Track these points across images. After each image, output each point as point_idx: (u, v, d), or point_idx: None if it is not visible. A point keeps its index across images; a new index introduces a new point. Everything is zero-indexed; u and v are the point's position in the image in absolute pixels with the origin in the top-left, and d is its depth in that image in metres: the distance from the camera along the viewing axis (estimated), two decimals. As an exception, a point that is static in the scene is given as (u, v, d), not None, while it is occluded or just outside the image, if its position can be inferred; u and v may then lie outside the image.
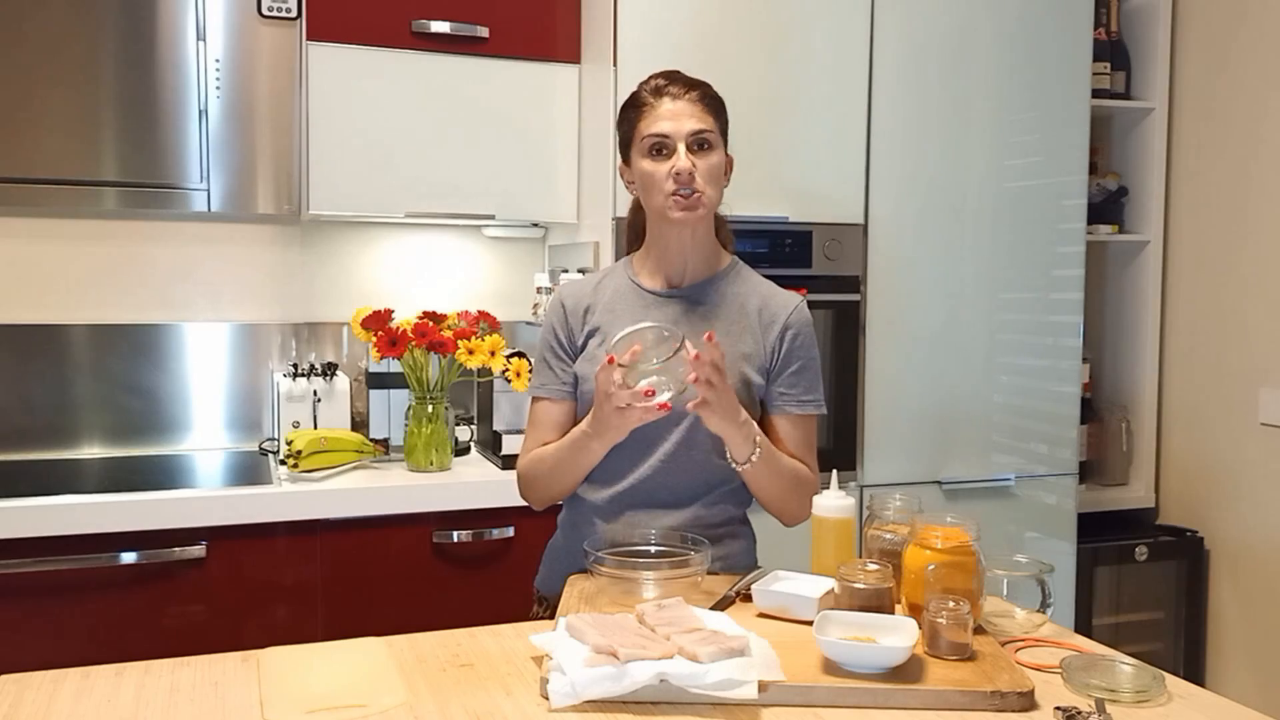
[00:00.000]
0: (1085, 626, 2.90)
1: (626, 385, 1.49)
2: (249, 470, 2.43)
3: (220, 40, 2.35)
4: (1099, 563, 2.96)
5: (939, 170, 2.68)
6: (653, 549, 1.57)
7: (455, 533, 2.29)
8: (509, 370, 2.41)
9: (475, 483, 2.32)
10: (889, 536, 1.54)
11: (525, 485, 1.73)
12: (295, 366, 2.60)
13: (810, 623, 1.31)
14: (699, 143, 1.62)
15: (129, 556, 2.08)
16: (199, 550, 2.12)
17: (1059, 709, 1.19)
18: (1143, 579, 3.03)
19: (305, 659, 1.35)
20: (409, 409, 2.42)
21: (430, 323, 2.42)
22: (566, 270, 2.50)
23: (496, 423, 2.52)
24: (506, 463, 2.40)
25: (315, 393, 2.53)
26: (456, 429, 2.56)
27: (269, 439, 2.67)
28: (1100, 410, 3.22)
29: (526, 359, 2.41)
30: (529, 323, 2.82)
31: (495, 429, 2.52)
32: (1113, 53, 3.10)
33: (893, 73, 2.62)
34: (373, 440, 2.50)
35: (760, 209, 2.52)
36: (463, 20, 2.49)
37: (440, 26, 2.47)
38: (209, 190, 2.37)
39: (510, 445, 2.41)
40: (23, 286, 2.54)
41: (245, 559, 2.16)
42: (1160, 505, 3.20)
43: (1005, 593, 1.54)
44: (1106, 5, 3.09)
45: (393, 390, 2.54)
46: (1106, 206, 3.15)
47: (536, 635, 1.31)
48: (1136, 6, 3.17)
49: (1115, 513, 3.13)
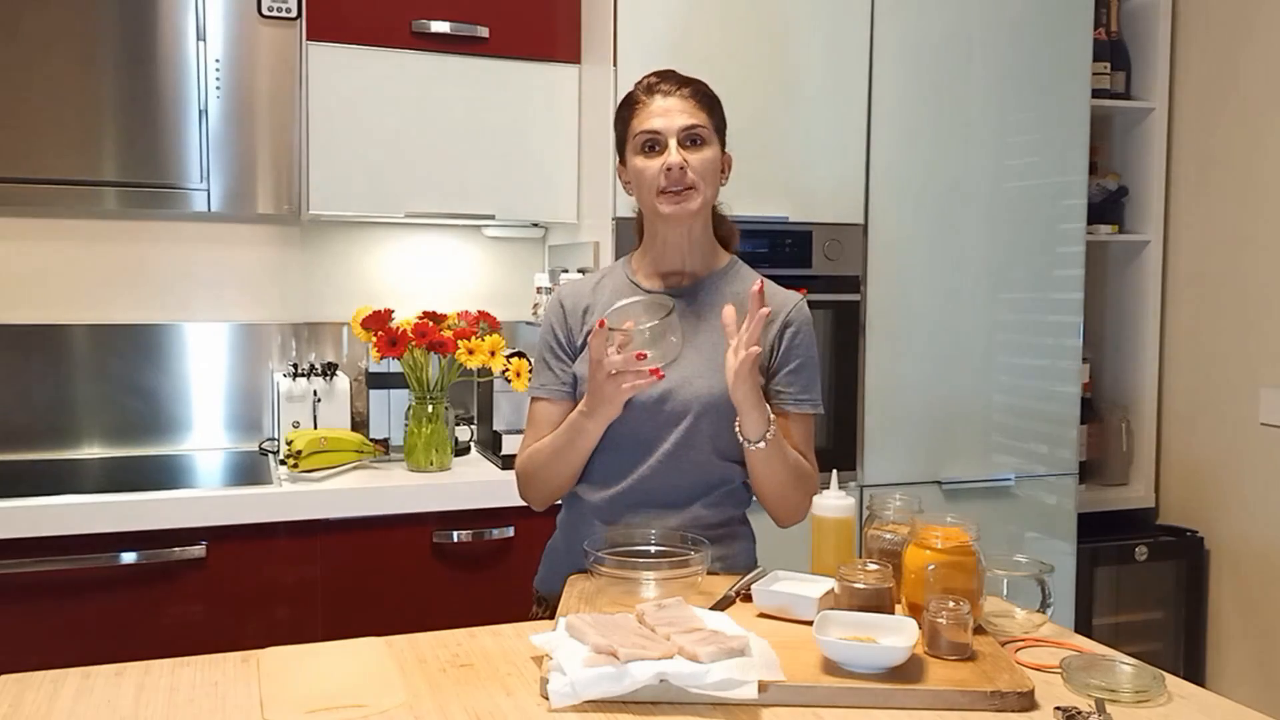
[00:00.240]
0: (1085, 626, 2.90)
1: (621, 352, 1.49)
2: (249, 470, 2.43)
3: (220, 40, 2.35)
4: (1099, 563, 2.96)
5: (939, 170, 2.68)
6: (653, 549, 1.56)
7: (455, 533, 2.29)
8: (509, 370, 2.41)
9: (475, 483, 2.33)
10: (889, 536, 1.54)
11: (524, 482, 1.72)
12: (295, 366, 2.60)
13: (810, 623, 1.31)
14: (691, 138, 1.61)
15: (129, 556, 2.08)
16: (199, 550, 2.12)
17: (1059, 709, 1.19)
18: (1143, 579, 3.03)
19: (305, 659, 1.35)
20: (409, 409, 2.42)
21: (430, 323, 2.42)
22: (566, 270, 2.50)
23: (496, 423, 2.52)
24: (506, 463, 2.40)
25: (315, 393, 2.53)
26: (456, 429, 2.56)
27: (269, 439, 2.67)
28: (1100, 410, 3.22)
29: (526, 359, 2.41)
30: (529, 323, 2.82)
31: (495, 429, 2.52)
32: (1113, 53, 3.10)
33: (893, 73, 2.62)
34: (373, 440, 2.50)
35: (760, 209, 2.52)
36: (463, 20, 2.49)
37: (440, 26, 2.47)
38: (209, 190, 2.37)
39: (510, 445, 2.41)
40: (23, 286, 2.54)
41: (245, 559, 2.16)
42: (1160, 505, 3.20)
43: (1005, 593, 1.54)
44: (1106, 5, 3.09)
45: (393, 390, 2.54)
46: (1106, 206, 3.15)
47: (536, 635, 1.31)
48: (1136, 6, 3.17)
49: (1115, 513, 3.13)
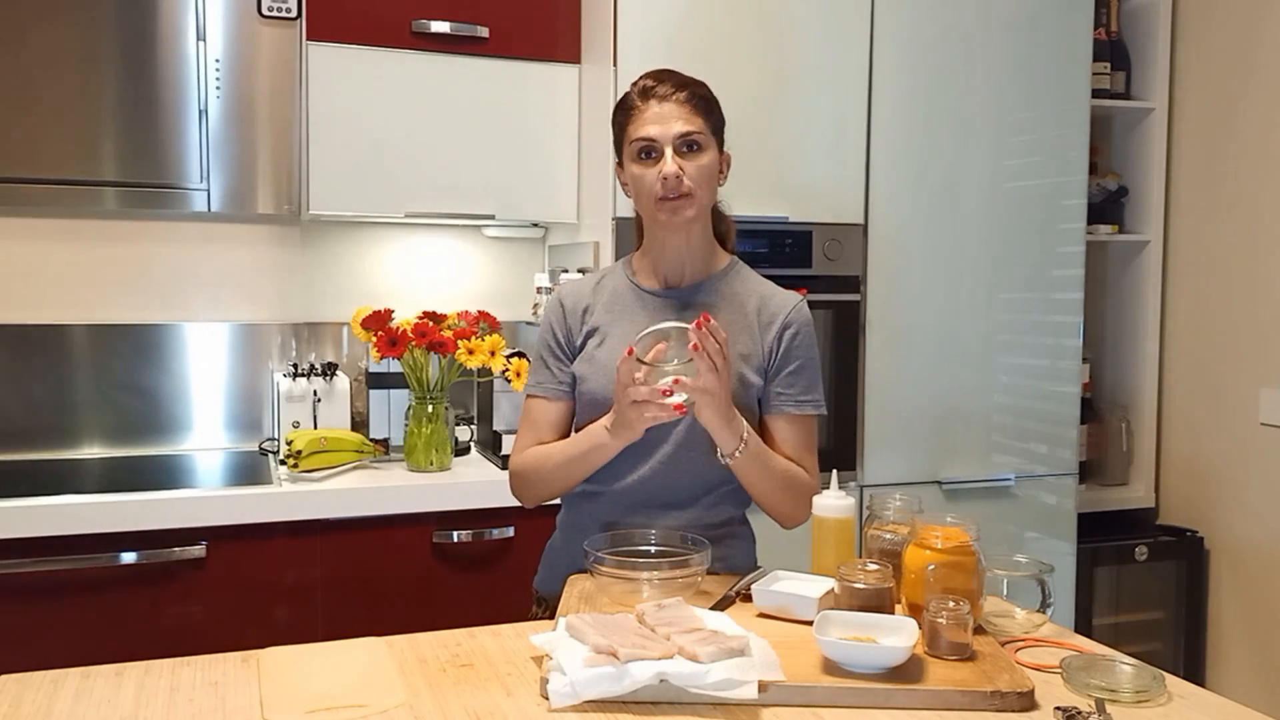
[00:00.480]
0: (1085, 626, 2.90)
1: (645, 381, 1.49)
2: (249, 470, 2.43)
3: (220, 40, 2.35)
4: (1099, 563, 2.96)
5: (939, 170, 2.68)
6: (653, 549, 1.56)
7: (455, 533, 2.29)
8: (509, 370, 2.41)
9: (475, 483, 2.33)
10: (889, 536, 1.54)
11: (520, 483, 1.71)
12: (295, 366, 2.60)
13: (810, 623, 1.31)
14: (687, 144, 1.60)
15: (129, 556, 2.08)
16: (199, 550, 2.12)
17: (1059, 709, 1.19)
18: (1143, 579, 3.03)
19: (305, 659, 1.35)
20: (409, 409, 2.42)
21: (430, 323, 2.42)
22: (566, 270, 2.50)
23: (496, 423, 2.52)
24: (506, 463, 2.39)
25: (315, 393, 2.53)
26: (456, 429, 2.56)
27: (269, 439, 2.67)
28: (1100, 410, 3.22)
29: (526, 359, 2.41)
30: (529, 323, 2.82)
31: (495, 429, 2.52)
32: (1113, 53, 3.10)
33: (893, 73, 2.62)
34: (373, 440, 2.50)
35: (760, 209, 2.52)
36: (463, 20, 2.49)
37: (440, 26, 2.47)
38: (209, 190, 2.37)
39: (510, 445, 2.40)
40: (23, 286, 2.54)
41: (245, 559, 2.16)
42: (1160, 505, 3.20)
43: (1005, 593, 1.54)
44: (1106, 5, 3.09)
45: (393, 390, 2.54)
46: (1106, 206, 3.15)
47: (536, 635, 1.31)
48: (1136, 6, 3.17)
49: (1115, 513, 3.13)
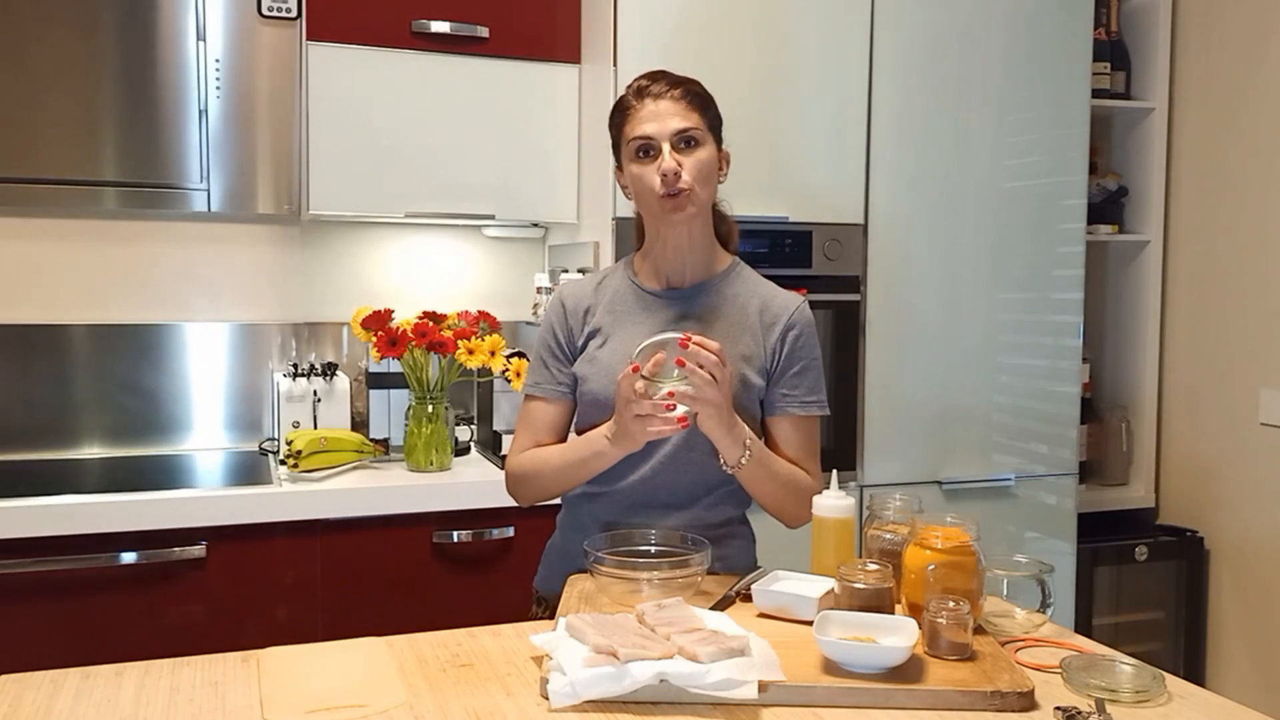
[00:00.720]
0: (1085, 626, 2.90)
1: (648, 395, 1.49)
2: (249, 470, 2.43)
3: (220, 40, 2.35)
4: (1099, 563, 2.96)
5: (939, 170, 2.68)
6: (653, 549, 1.56)
7: (455, 533, 2.29)
8: (509, 370, 2.41)
9: (475, 483, 2.33)
10: (889, 536, 1.54)
11: (517, 483, 1.72)
12: (295, 366, 2.60)
13: (810, 623, 1.31)
14: (685, 140, 1.60)
15: (129, 556, 2.08)
16: (199, 550, 2.12)
17: (1059, 709, 1.19)
18: (1143, 579, 3.03)
19: (305, 659, 1.35)
20: (409, 409, 2.42)
21: (430, 323, 2.42)
22: (566, 270, 2.50)
23: (496, 423, 2.52)
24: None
25: (315, 393, 2.53)
26: (456, 429, 2.56)
27: (269, 439, 2.67)
28: (1100, 410, 3.22)
29: (526, 359, 2.41)
30: (529, 323, 2.82)
31: (495, 429, 2.52)
32: (1113, 53, 3.10)
33: (893, 73, 2.62)
34: (373, 440, 2.50)
35: (760, 209, 2.52)
36: (463, 20, 2.49)
37: (440, 26, 2.47)
38: (209, 190, 2.37)
39: (510, 445, 2.41)
40: (23, 286, 2.54)
41: (245, 559, 2.16)
42: (1160, 505, 3.20)
43: (1005, 593, 1.54)
44: (1106, 5, 3.09)
45: (393, 390, 2.54)
46: (1106, 206, 3.15)
47: (536, 635, 1.31)
48: (1136, 6, 3.17)
49: (1115, 513, 3.13)
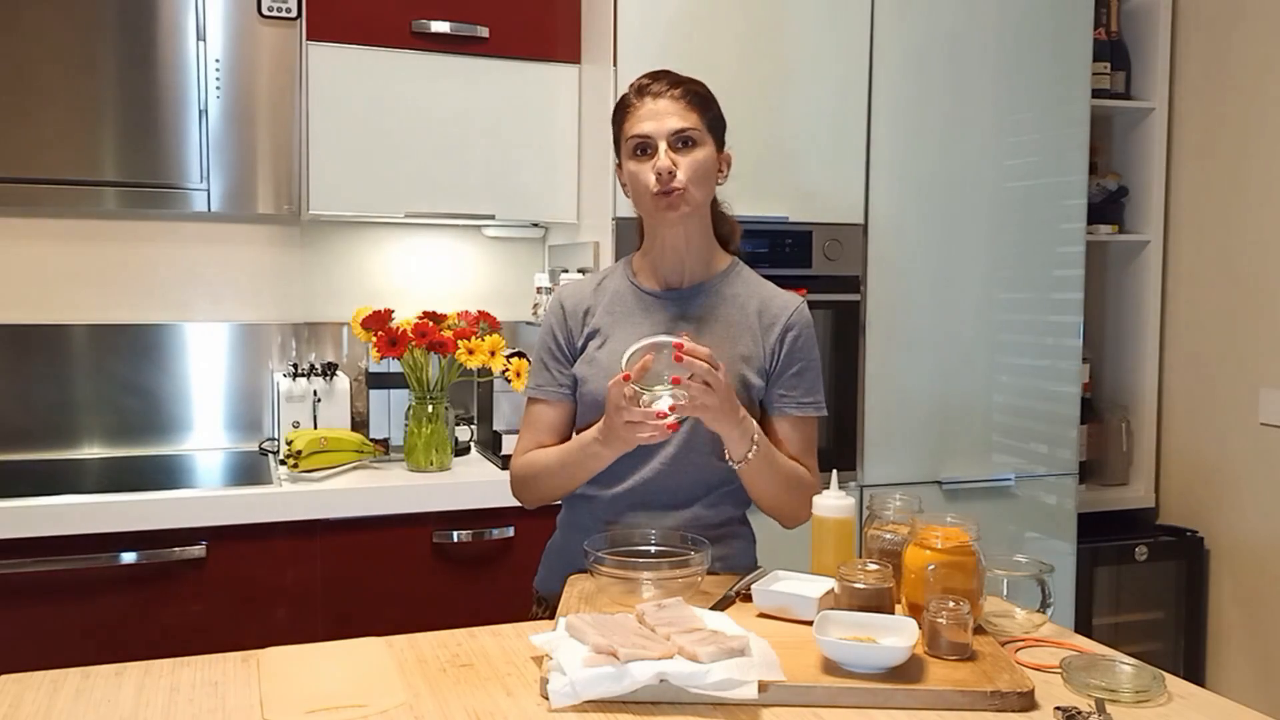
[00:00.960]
0: (1085, 626, 2.90)
1: (637, 400, 1.49)
2: (249, 470, 2.43)
3: (220, 40, 2.35)
4: (1099, 563, 2.96)
5: (939, 170, 2.68)
6: (653, 549, 1.57)
7: (455, 533, 2.29)
8: (509, 370, 2.41)
9: (475, 483, 2.33)
10: (889, 536, 1.54)
11: (519, 485, 1.73)
12: (295, 366, 2.60)
13: (810, 623, 1.31)
14: (682, 140, 1.60)
15: (129, 556, 2.08)
16: (199, 550, 2.12)
17: (1059, 709, 1.19)
18: (1143, 579, 3.03)
19: (305, 659, 1.35)
20: (409, 409, 2.42)
21: (430, 323, 2.42)
22: (566, 270, 2.50)
23: (496, 423, 2.52)
24: (506, 463, 2.38)
25: (315, 393, 2.53)
26: (456, 429, 2.56)
27: (269, 439, 2.67)
28: (1100, 410, 3.22)
29: (526, 359, 2.41)
30: (529, 323, 2.82)
31: (495, 429, 2.52)
32: (1113, 53, 3.10)
33: (893, 73, 2.62)
34: (373, 440, 2.50)
35: (760, 209, 2.52)
36: (463, 20, 2.49)
37: (440, 26, 2.47)
38: (209, 190, 2.37)
39: (510, 445, 2.40)
40: (23, 286, 2.54)
41: (245, 559, 2.16)
42: (1160, 505, 3.20)
43: (1005, 593, 1.54)
44: (1106, 5, 3.09)
45: (393, 390, 2.54)
46: (1106, 206, 3.15)
47: (536, 635, 1.31)
48: (1136, 6, 3.17)
49: (1115, 513, 3.12)
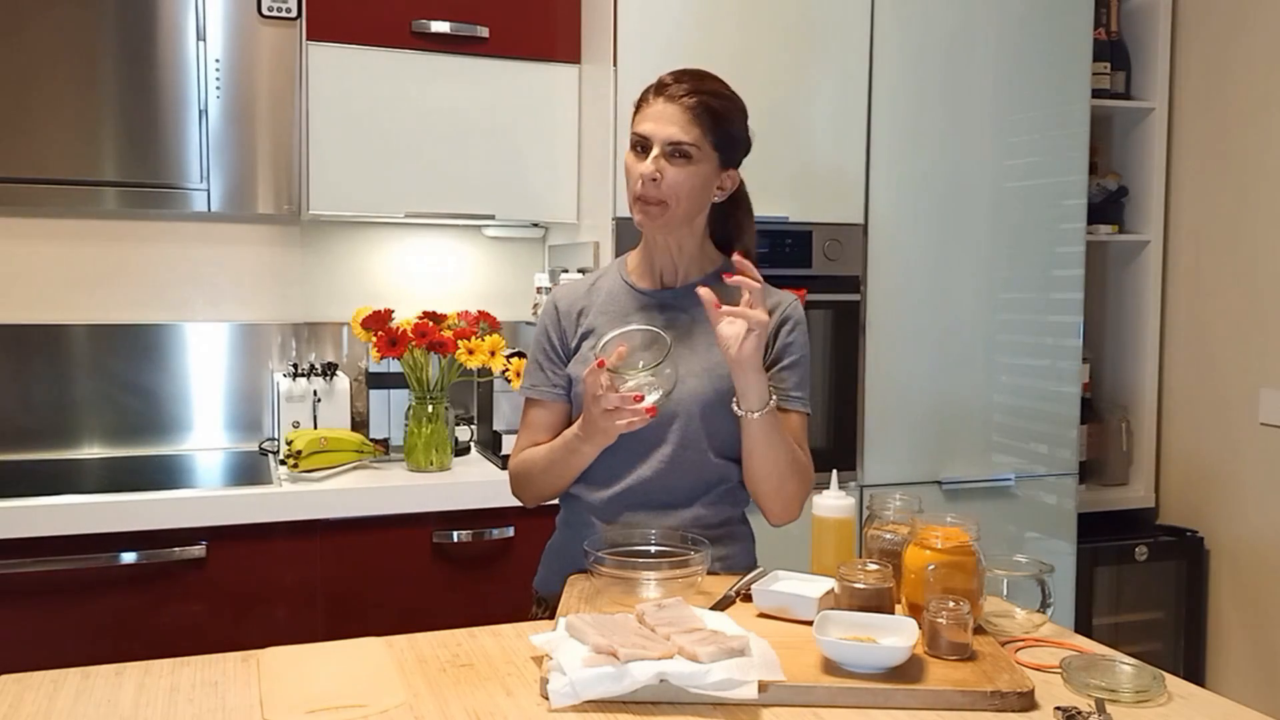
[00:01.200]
0: (1085, 626, 2.90)
1: (614, 388, 1.49)
2: (249, 470, 2.43)
3: (220, 40, 2.35)
4: (1099, 563, 2.96)
5: (939, 170, 2.68)
6: (653, 549, 1.56)
7: (455, 533, 2.29)
8: (509, 370, 2.41)
9: (475, 483, 2.33)
10: (889, 536, 1.54)
11: (517, 484, 1.74)
12: (295, 366, 2.60)
13: (810, 623, 1.31)
14: (677, 152, 1.58)
15: (129, 556, 2.08)
16: (199, 550, 2.11)
17: (1059, 709, 1.19)
18: (1143, 579, 3.03)
19: (305, 659, 1.35)
20: (409, 409, 2.42)
21: (430, 323, 2.42)
22: (566, 270, 2.50)
23: (496, 423, 2.52)
24: (506, 463, 2.39)
25: (315, 393, 2.53)
26: (456, 429, 2.56)
27: (269, 439, 2.67)
28: (1100, 410, 3.22)
29: (526, 359, 2.41)
30: (529, 323, 2.82)
31: (495, 429, 2.52)
32: (1113, 53, 3.10)
33: (893, 73, 2.62)
34: (373, 440, 2.50)
35: (760, 209, 2.49)
36: (463, 20, 2.49)
37: (440, 26, 2.47)
38: (209, 190, 2.37)
39: (510, 445, 2.40)
40: (23, 286, 2.54)
41: (245, 559, 2.16)
42: (1160, 505, 3.20)
43: (1005, 593, 1.54)
44: (1106, 5, 3.09)
45: (393, 390, 2.54)
46: (1106, 206, 3.15)
47: (536, 635, 1.31)
48: (1136, 6, 3.17)
49: (1115, 513, 3.13)
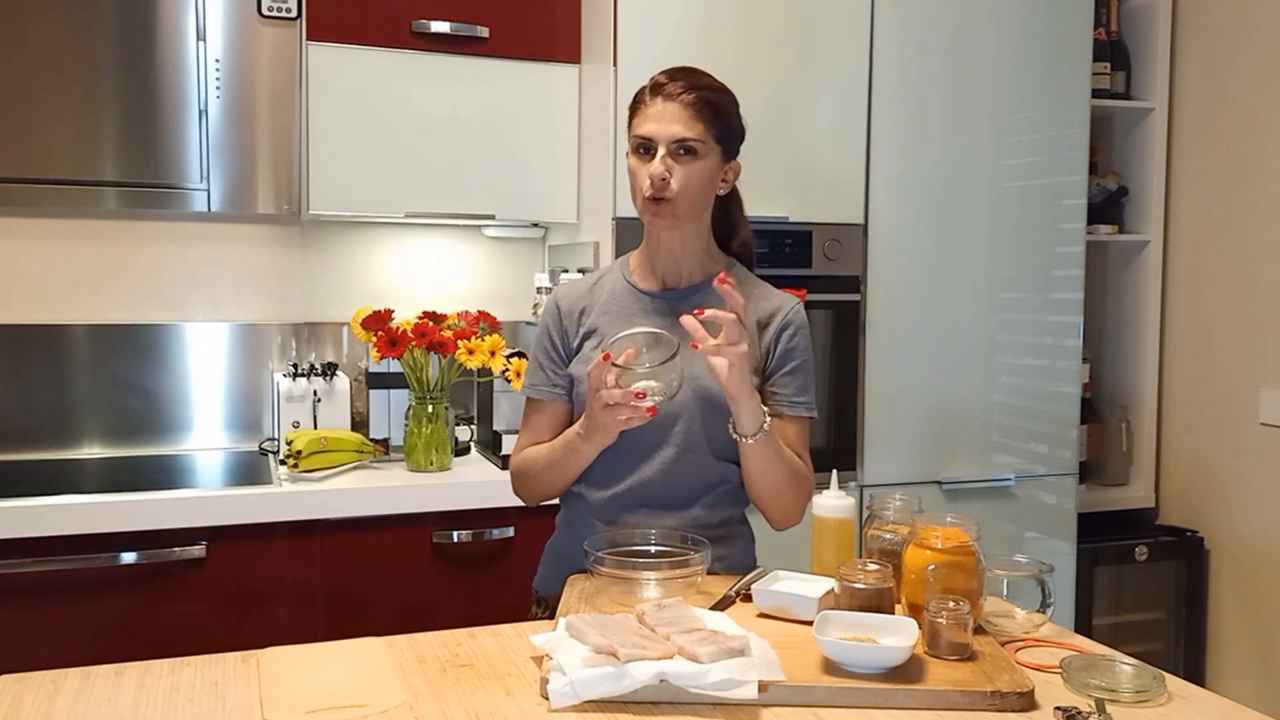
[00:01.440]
0: (1085, 626, 2.90)
1: (619, 385, 1.49)
2: (249, 470, 2.43)
3: (220, 40, 2.35)
4: (1099, 563, 2.96)
5: (939, 170, 2.68)
6: (653, 549, 1.56)
7: (455, 533, 2.29)
8: (509, 370, 2.41)
9: (475, 483, 2.33)
10: (889, 536, 1.54)
11: (518, 483, 1.74)
12: (295, 366, 2.60)
13: (810, 623, 1.31)
14: (683, 149, 1.58)
15: (129, 556, 2.08)
16: (199, 550, 2.12)
17: (1059, 709, 1.19)
18: (1143, 579, 3.03)
19: (305, 659, 1.35)
20: (409, 409, 2.42)
21: (430, 323, 2.42)
22: (566, 270, 2.50)
23: (496, 423, 2.52)
24: (506, 463, 2.39)
25: (315, 393, 2.53)
26: (456, 429, 2.56)
27: (269, 439, 2.67)
28: (1100, 410, 3.22)
29: (526, 359, 2.41)
30: (529, 323, 2.82)
31: (495, 429, 2.52)
32: (1113, 53, 3.10)
33: (893, 73, 2.62)
34: (373, 440, 2.50)
35: (760, 209, 2.51)
36: (463, 20, 2.49)
37: (440, 26, 2.47)
38: (209, 190, 2.37)
39: (510, 445, 2.40)
40: (23, 286, 2.54)
41: (245, 559, 2.16)
42: (1160, 505, 3.20)
43: (1005, 593, 1.54)
44: (1106, 5, 3.09)
45: (393, 390, 2.54)
46: (1106, 206, 3.15)
47: (536, 635, 1.31)
48: (1136, 6, 3.17)
49: (1115, 513, 3.13)
